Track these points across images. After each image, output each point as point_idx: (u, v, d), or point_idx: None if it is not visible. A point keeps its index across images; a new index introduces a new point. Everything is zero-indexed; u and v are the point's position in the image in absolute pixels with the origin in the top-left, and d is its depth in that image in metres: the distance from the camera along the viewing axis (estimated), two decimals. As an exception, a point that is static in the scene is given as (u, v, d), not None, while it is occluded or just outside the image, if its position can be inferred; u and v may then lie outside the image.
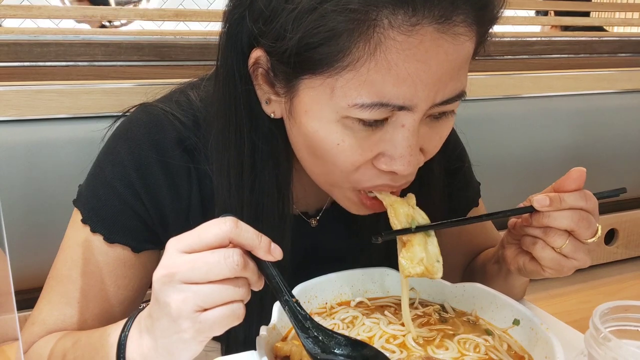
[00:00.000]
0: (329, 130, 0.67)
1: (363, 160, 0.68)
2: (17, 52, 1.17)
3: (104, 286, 0.81)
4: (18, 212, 1.11)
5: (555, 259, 0.74)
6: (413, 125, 0.65)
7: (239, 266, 0.57)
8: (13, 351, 0.59)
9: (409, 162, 0.67)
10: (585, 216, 0.72)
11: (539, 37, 1.79)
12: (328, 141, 0.67)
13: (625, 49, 1.89)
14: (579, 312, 0.79)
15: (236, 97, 0.74)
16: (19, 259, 1.12)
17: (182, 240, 0.58)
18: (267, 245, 0.60)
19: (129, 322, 0.67)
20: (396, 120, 0.65)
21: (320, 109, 0.66)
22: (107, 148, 0.84)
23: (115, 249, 0.80)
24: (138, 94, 0.95)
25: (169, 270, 0.57)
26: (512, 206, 0.79)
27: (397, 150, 0.66)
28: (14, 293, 0.54)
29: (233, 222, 0.58)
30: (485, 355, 0.70)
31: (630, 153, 1.82)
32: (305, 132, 0.69)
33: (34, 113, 1.11)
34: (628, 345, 0.64)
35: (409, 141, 0.66)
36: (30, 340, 0.80)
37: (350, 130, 0.66)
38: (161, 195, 0.81)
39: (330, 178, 0.73)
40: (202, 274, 0.57)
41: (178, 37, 1.29)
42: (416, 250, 0.71)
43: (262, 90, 0.72)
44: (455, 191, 0.98)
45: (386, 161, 0.68)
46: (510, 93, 1.62)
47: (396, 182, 0.71)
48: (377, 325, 0.75)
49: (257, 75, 0.71)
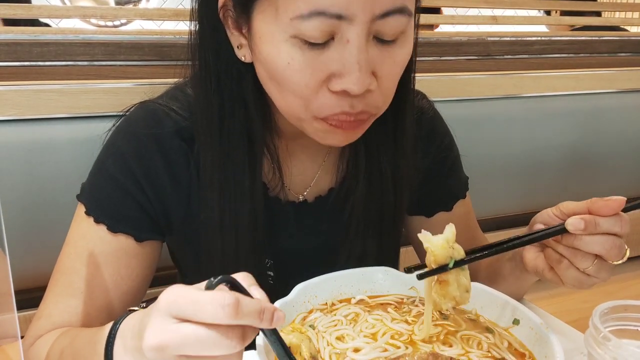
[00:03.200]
0: (278, 50, 0.69)
1: (315, 82, 0.70)
2: (17, 52, 1.17)
3: (108, 276, 0.82)
4: (18, 212, 1.11)
5: (578, 277, 0.72)
6: (358, 40, 0.67)
7: (237, 347, 0.53)
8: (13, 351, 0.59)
9: (357, 79, 0.68)
10: (618, 242, 0.70)
11: (539, 37, 1.79)
12: (279, 62, 0.70)
13: (625, 49, 1.89)
14: (579, 312, 0.79)
15: (212, 48, 0.78)
16: (19, 259, 1.12)
17: (175, 304, 0.53)
18: (270, 319, 0.54)
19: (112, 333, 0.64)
20: (341, 37, 0.67)
21: (270, 31, 0.69)
22: (107, 144, 0.86)
23: (119, 239, 0.82)
24: (138, 93, 0.95)
25: (159, 342, 0.52)
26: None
27: (345, 67, 0.68)
28: (14, 293, 0.54)
29: (233, 307, 0.51)
30: (488, 353, 0.70)
31: (630, 153, 1.82)
32: (262, 60, 0.72)
33: (34, 113, 1.11)
34: (628, 345, 0.64)
35: (356, 57, 0.67)
36: (37, 334, 0.80)
37: (298, 49, 0.68)
38: (162, 184, 0.84)
39: (293, 110, 0.75)
40: (195, 350, 0.52)
41: (178, 37, 1.29)
42: (451, 289, 0.70)
43: (234, 37, 0.76)
44: (442, 179, 1.00)
45: (337, 80, 0.69)
46: (510, 93, 1.62)
47: (353, 109, 0.72)
48: (381, 322, 0.75)
49: (228, 23, 0.75)
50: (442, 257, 0.69)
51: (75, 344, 0.73)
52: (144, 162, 0.83)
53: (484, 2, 1.88)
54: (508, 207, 1.71)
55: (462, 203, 1.02)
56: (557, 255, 0.73)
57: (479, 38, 1.68)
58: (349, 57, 0.68)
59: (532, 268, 0.78)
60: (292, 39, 0.68)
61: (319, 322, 0.75)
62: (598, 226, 0.69)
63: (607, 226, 0.69)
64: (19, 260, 1.11)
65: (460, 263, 0.70)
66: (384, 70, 0.72)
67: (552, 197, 1.77)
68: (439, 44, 1.62)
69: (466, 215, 1.04)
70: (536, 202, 1.75)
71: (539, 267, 0.76)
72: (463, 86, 1.55)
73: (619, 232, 0.70)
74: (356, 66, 0.67)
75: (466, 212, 1.04)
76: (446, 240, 0.70)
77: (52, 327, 0.80)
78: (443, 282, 0.70)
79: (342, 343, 0.71)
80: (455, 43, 1.63)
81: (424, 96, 1.01)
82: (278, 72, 0.71)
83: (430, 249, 0.69)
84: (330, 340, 0.71)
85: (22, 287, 1.12)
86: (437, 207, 1.01)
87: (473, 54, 1.66)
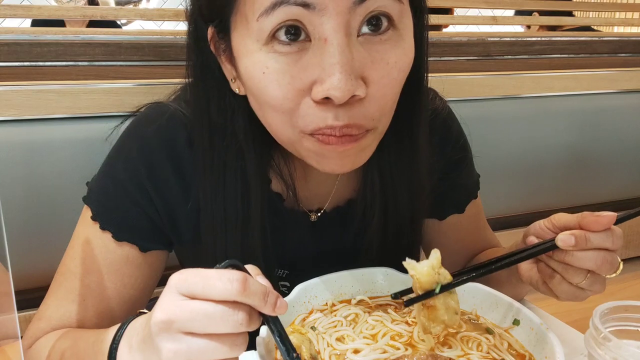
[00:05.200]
0: (254, 61, 0.65)
1: (293, 92, 0.64)
2: (17, 52, 1.17)
3: (110, 284, 0.81)
4: (18, 212, 1.11)
5: (570, 291, 0.71)
6: (336, 37, 0.61)
7: (243, 325, 0.54)
8: (13, 351, 0.59)
9: (339, 81, 0.60)
10: (609, 257, 0.68)
11: (539, 37, 1.79)
12: (255, 73, 0.65)
13: (625, 49, 1.89)
14: (579, 312, 0.79)
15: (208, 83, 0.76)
16: (19, 259, 1.12)
17: (185, 282, 0.54)
18: (274, 303, 0.55)
19: (119, 333, 0.65)
20: (319, 38, 0.61)
21: (244, 44, 0.66)
22: (118, 146, 0.84)
23: (123, 248, 0.81)
24: (138, 94, 0.95)
25: (167, 316, 0.53)
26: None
27: (325, 70, 0.61)
28: (14, 293, 0.54)
29: (241, 282, 0.53)
30: (488, 354, 0.70)
31: (630, 153, 1.82)
32: (244, 80, 0.69)
33: (34, 113, 1.11)
34: (628, 345, 0.64)
35: (336, 58, 0.60)
36: (36, 335, 0.80)
37: (273, 55, 0.63)
38: (172, 195, 0.82)
39: (280, 129, 0.69)
40: (202, 326, 0.53)
41: (178, 37, 1.29)
42: (440, 314, 0.69)
43: (227, 69, 0.73)
44: (457, 181, 0.97)
45: (318, 87, 0.62)
46: (510, 93, 1.62)
47: (338, 120, 0.64)
48: (381, 323, 0.75)
49: (220, 55, 0.73)
50: (427, 284, 0.68)
51: (78, 345, 0.73)
52: (155, 173, 0.81)
53: (484, 2, 1.88)
54: (508, 207, 1.71)
55: (474, 203, 1.00)
56: (550, 270, 0.72)
57: (479, 38, 1.68)
58: (328, 58, 0.61)
59: (527, 279, 0.77)
60: (265, 47, 0.64)
61: (319, 323, 0.75)
62: (589, 242, 0.67)
63: (598, 242, 0.67)
64: (19, 260, 1.11)
65: (446, 287, 0.68)
66: (376, 75, 0.64)
67: (552, 197, 1.77)
68: (439, 45, 1.62)
69: (476, 216, 1.02)
70: (536, 203, 1.76)
71: (533, 280, 0.76)
72: (463, 86, 1.55)
73: (610, 247, 0.68)
74: (336, 67, 0.60)
75: (477, 213, 1.02)
76: (431, 267, 0.68)
77: (51, 330, 0.80)
78: (431, 307, 0.69)
79: (342, 344, 0.71)
80: (455, 43, 1.63)
81: (436, 94, 0.96)
82: (254, 85, 0.66)
83: (416, 277, 0.68)
84: (330, 341, 0.71)
85: (22, 287, 1.12)
86: (451, 209, 0.98)
87: (473, 54, 1.66)
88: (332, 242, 0.90)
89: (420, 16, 0.74)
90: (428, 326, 0.69)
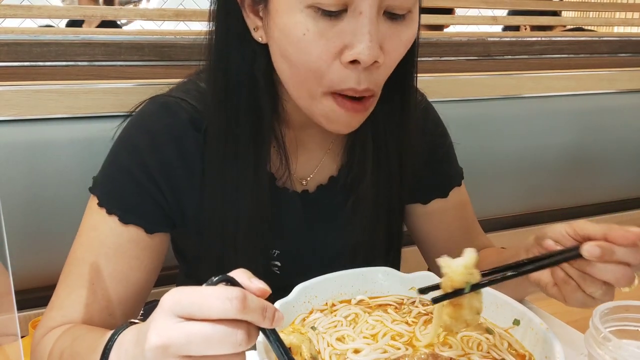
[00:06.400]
0: (295, 21, 0.72)
1: (328, 54, 0.73)
2: (17, 52, 1.17)
3: (118, 267, 0.83)
4: (18, 212, 1.11)
5: (582, 300, 0.71)
6: (370, 12, 0.71)
7: (242, 345, 0.52)
8: (13, 351, 0.60)
9: (368, 48, 0.71)
10: (629, 272, 0.68)
11: (539, 37, 1.79)
12: (295, 33, 0.72)
13: (626, 49, 1.89)
14: (579, 312, 0.79)
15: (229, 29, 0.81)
16: (19, 259, 1.12)
17: (179, 303, 0.52)
18: (272, 317, 0.54)
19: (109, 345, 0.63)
20: (354, 9, 0.71)
21: (287, 2, 0.72)
22: (120, 138, 0.87)
23: (130, 230, 0.83)
24: (138, 94, 0.95)
25: (163, 341, 0.51)
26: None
27: (356, 37, 0.71)
28: (14, 293, 0.54)
29: (240, 300, 0.51)
30: (488, 354, 0.70)
31: (630, 153, 1.82)
32: (277, 34, 0.75)
33: (34, 113, 1.11)
34: (628, 345, 0.64)
35: (367, 27, 0.71)
36: (49, 325, 0.81)
37: (313, 20, 0.71)
38: (176, 176, 0.85)
39: (305, 86, 0.77)
40: (200, 349, 0.51)
41: (178, 37, 1.29)
42: (464, 313, 0.68)
43: (250, 19, 0.78)
44: (436, 165, 1.02)
45: (349, 51, 0.72)
46: (510, 93, 1.63)
47: (359, 85, 0.75)
48: (381, 323, 0.75)
49: (245, 6, 0.78)
50: (459, 283, 0.67)
51: (75, 347, 0.73)
52: (158, 155, 0.84)
53: (484, 3, 1.88)
54: (508, 207, 1.71)
55: (458, 191, 1.04)
56: (566, 277, 0.71)
57: (479, 38, 1.68)
58: (361, 28, 0.71)
59: (535, 280, 0.76)
60: (307, 9, 0.71)
61: (319, 323, 0.75)
62: (614, 254, 0.67)
63: (622, 256, 0.67)
64: (19, 260, 1.11)
65: (476, 287, 0.67)
66: (391, 46, 0.75)
67: (552, 197, 1.77)
68: (439, 45, 1.62)
69: (462, 205, 1.05)
70: (536, 203, 1.76)
71: (543, 282, 0.75)
72: (463, 86, 1.55)
73: (632, 262, 0.68)
74: (367, 36, 0.71)
75: (462, 202, 1.05)
76: (465, 266, 0.67)
77: (63, 318, 0.81)
78: (457, 306, 0.68)
79: (342, 344, 0.71)
80: (455, 43, 1.63)
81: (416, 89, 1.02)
82: (293, 44, 0.73)
83: (449, 275, 0.67)
84: (330, 341, 0.71)
85: (22, 287, 1.12)
86: (433, 193, 1.02)
87: (473, 54, 1.66)
88: (323, 219, 0.93)
89: None
90: (450, 325, 0.68)
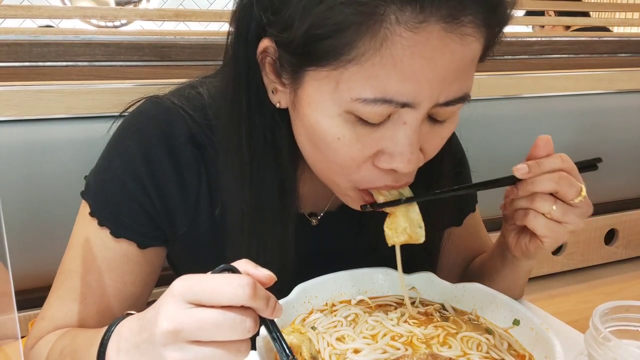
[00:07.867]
0: (330, 123, 0.67)
1: (362, 157, 0.68)
2: (17, 52, 1.17)
3: (111, 282, 0.81)
4: (18, 212, 1.11)
5: (547, 225, 0.75)
6: (415, 123, 0.65)
7: (250, 331, 0.54)
8: (13, 351, 0.59)
9: (409, 160, 0.67)
10: (565, 176, 0.75)
11: (539, 37, 1.79)
12: (329, 134, 0.67)
13: (625, 49, 1.89)
14: (579, 312, 0.79)
15: (243, 86, 0.75)
16: (19, 259, 1.12)
17: (191, 289, 0.54)
18: (274, 306, 0.57)
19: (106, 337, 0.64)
20: (398, 118, 0.65)
21: (323, 101, 0.66)
22: (115, 140, 0.83)
23: (122, 244, 0.81)
24: (138, 94, 0.95)
25: (175, 326, 0.53)
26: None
27: (397, 147, 0.66)
28: (14, 293, 0.54)
29: (251, 287, 0.54)
30: (487, 354, 0.70)
31: (630, 153, 1.82)
32: (307, 124, 0.69)
33: (34, 113, 1.11)
34: (628, 345, 0.64)
35: (410, 139, 0.66)
36: (39, 335, 0.80)
37: (351, 125, 0.66)
38: (170, 191, 0.81)
39: (331, 174, 0.73)
40: (210, 335, 0.53)
41: (178, 37, 1.29)
42: (400, 221, 0.74)
43: (269, 79, 0.72)
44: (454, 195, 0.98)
45: (386, 159, 0.68)
46: (510, 93, 1.62)
47: (398, 182, 0.71)
48: (380, 324, 0.75)
49: (265, 65, 0.71)
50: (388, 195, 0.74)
51: (74, 344, 0.73)
52: (153, 167, 0.80)
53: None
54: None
55: (472, 216, 1.02)
56: (523, 211, 0.77)
57: (479, 38, 1.67)
58: (402, 138, 0.66)
59: (517, 251, 0.82)
60: (346, 114, 0.65)
61: (319, 323, 0.75)
62: (541, 165, 0.75)
63: (548, 164, 0.75)
64: (19, 260, 1.11)
65: (412, 199, 0.74)
66: (431, 146, 0.71)
67: (552, 197, 1.77)
68: (439, 45, 1.61)
69: (475, 227, 1.04)
70: (536, 203, 1.75)
71: (522, 246, 0.80)
72: (463, 86, 1.55)
73: (562, 167, 0.75)
74: (409, 148, 0.66)
75: (475, 224, 1.04)
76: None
77: (54, 329, 0.80)
78: (392, 215, 0.75)
79: (342, 344, 0.71)
80: (455, 43, 1.63)
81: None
82: (325, 143, 0.68)
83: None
84: (330, 341, 0.71)
85: (22, 287, 1.12)
86: (449, 223, 0.99)
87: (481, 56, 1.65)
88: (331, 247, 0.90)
89: None
90: (392, 236, 0.74)
